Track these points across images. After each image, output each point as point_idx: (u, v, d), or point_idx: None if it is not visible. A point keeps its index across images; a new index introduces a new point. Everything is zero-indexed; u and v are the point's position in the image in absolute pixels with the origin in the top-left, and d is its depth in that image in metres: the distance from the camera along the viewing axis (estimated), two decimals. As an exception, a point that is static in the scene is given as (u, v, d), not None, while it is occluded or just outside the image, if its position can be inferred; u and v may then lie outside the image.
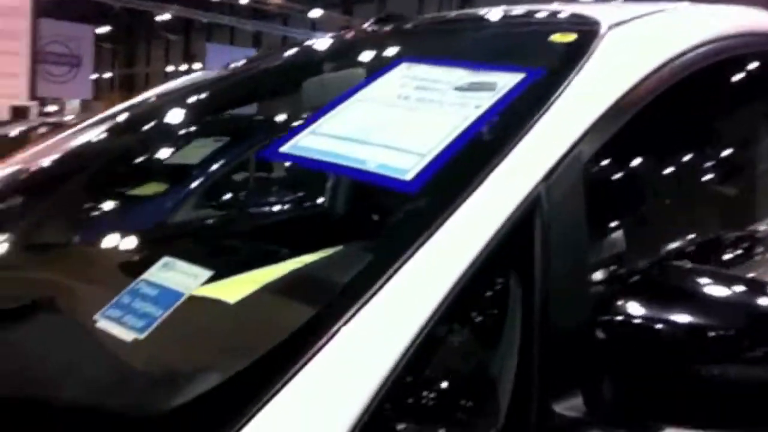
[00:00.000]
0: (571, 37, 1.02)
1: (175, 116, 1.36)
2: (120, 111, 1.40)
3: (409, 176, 0.76)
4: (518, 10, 1.34)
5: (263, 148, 0.89)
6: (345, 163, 0.82)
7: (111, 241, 0.96)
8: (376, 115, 0.92)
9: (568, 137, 0.81)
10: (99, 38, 19.17)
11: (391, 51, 1.22)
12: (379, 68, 1.05)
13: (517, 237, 0.71)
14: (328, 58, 1.40)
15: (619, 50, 0.97)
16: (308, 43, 1.53)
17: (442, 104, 0.92)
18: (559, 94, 0.86)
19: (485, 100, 0.90)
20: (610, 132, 0.85)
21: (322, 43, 1.48)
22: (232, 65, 1.53)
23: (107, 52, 19.75)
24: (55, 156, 1.28)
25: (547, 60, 0.98)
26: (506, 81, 0.93)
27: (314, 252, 0.81)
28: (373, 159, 0.81)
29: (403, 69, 1.05)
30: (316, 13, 18.02)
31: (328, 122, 0.90)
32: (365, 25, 1.52)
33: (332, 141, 0.87)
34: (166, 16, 17.86)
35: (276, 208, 1.37)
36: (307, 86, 1.29)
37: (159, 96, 1.44)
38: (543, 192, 0.75)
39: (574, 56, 0.94)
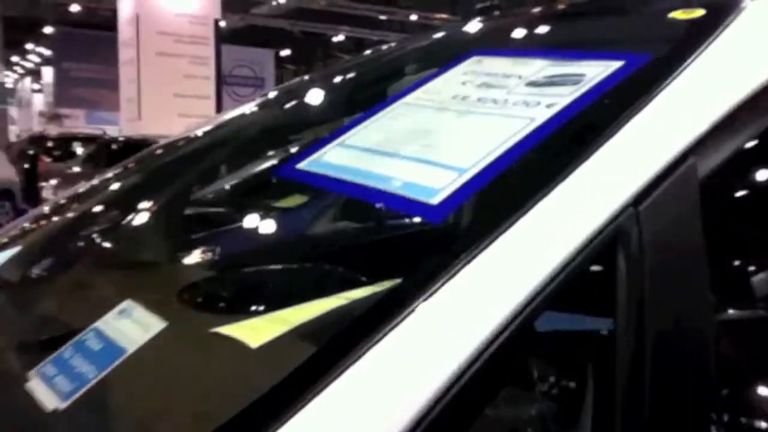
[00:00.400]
0: (697, 12, 0.76)
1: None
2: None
3: (436, 199, 0.57)
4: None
5: (281, 163, 0.74)
6: (364, 181, 0.64)
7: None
8: (421, 120, 0.74)
9: (674, 145, 0.57)
10: (281, 60, 20.41)
11: (464, 45, 1.02)
12: (443, 64, 0.86)
13: (586, 295, 0.50)
14: (404, 59, 1.23)
15: (763, 27, 0.70)
16: (397, 44, 1.37)
17: (506, 104, 0.71)
18: (666, 86, 0.62)
19: (562, 98, 0.68)
20: (738, 139, 0.59)
21: (410, 42, 1.31)
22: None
23: (288, 72, 20.98)
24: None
25: (658, 42, 0.74)
26: (596, 71, 0.71)
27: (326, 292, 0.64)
28: (400, 176, 0.62)
29: (471, 63, 0.85)
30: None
31: (363, 132, 0.73)
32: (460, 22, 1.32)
33: (360, 154, 0.70)
34: (340, 37, 18.59)
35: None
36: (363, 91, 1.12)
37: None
38: (631, 222, 0.53)
39: (695, 37, 0.69)
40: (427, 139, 0.68)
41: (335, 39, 19.11)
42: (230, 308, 0.70)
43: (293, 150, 1.02)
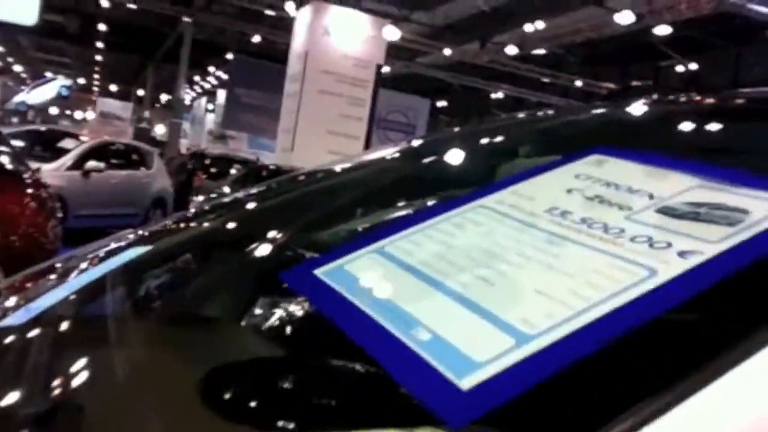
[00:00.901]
0: None
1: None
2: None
3: (467, 382, 0.38)
4: None
5: (294, 266, 0.58)
6: (379, 318, 0.46)
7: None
8: (493, 237, 0.56)
9: None
10: (437, 110, 20.67)
11: (588, 135, 0.83)
12: (549, 158, 0.67)
13: None
14: (511, 139, 1.04)
15: None
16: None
17: (621, 236, 0.52)
18: None
19: (707, 244, 0.48)
20: None
21: (530, 118, 1.12)
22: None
23: (442, 123, 21.18)
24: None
25: None
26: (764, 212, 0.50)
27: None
28: (431, 326, 0.44)
29: (589, 164, 0.67)
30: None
31: (414, 237, 0.56)
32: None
33: (394, 271, 0.52)
34: (499, 95, 18.50)
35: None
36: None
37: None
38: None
39: None
40: (490, 269, 0.50)
41: (493, 96, 19.04)
42: None
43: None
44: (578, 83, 16.28)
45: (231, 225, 1.14)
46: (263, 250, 0.95)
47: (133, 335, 0.76)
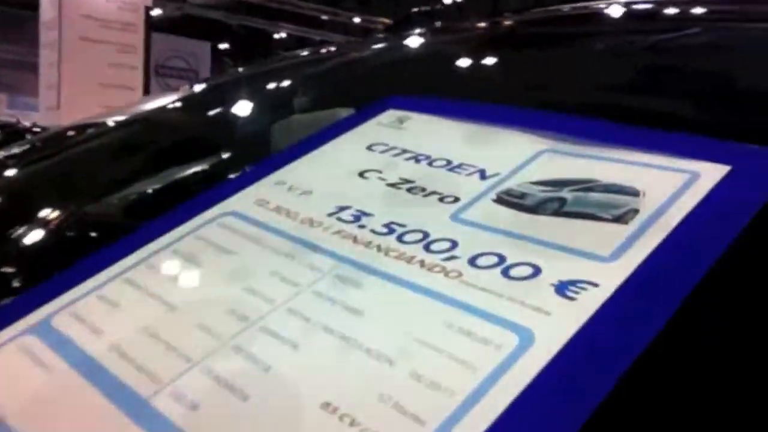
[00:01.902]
0: None
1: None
2: None
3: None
4: None
5: None
6: None
7: None
8: (239, 287, 0.29)
9: None
10: (220, 53, 19.65)
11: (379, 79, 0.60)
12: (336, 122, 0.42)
13: None
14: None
15: None
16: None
17: (454, 260, 0.26)
18: None
19: (597, 265, 0.24)
20: None
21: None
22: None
23: (228, 66, 20.19)
24: None
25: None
26: (668, 185, 0.26)
27: None
28: None
29: (385, 125, 0.43)
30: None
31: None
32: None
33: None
34: (282, 35, 17.88)
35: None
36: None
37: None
38: None
39: None
40: (231, 362, 0.25)
41: (276, 36, 18.45)
42: None
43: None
44: (357, 20, 16.27)
45: None
46: None
47: None
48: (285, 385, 0.30)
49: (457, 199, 0.42)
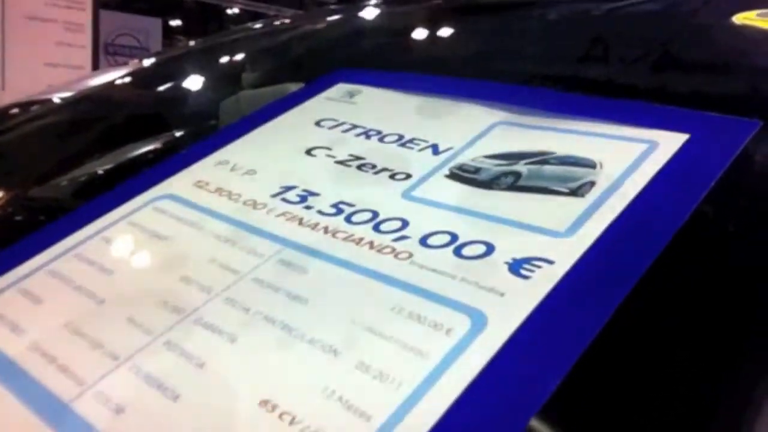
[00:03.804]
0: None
1: None
2: None
3: None
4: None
5: None
6: None
7: None
8: (174, 274, 0.27)
9: None
10: (171, 30, 19.21)
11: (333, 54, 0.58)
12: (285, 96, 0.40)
13: None
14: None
15: None
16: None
17: (404, 239, 0.25)
18: None
19: (552, 240, 0.23)
20: None
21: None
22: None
23: (181, 43, 19.74)
24: None
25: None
26: (625, 156, 0.25)
27: None
28: None
29: (334, 99, 0.40)
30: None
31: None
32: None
33: None
34: (235, 10, 17.54)
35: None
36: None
37: None
38: None
39: None
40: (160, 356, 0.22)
41: (230, 11, 18.08)
42: None
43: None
44: (312, -7, 16.05)
45: None
46: None
47: None
48: (220, 382, 0.28)
49: (408, 176, 0.40)
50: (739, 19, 0.54)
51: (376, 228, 0.36)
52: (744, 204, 0.37)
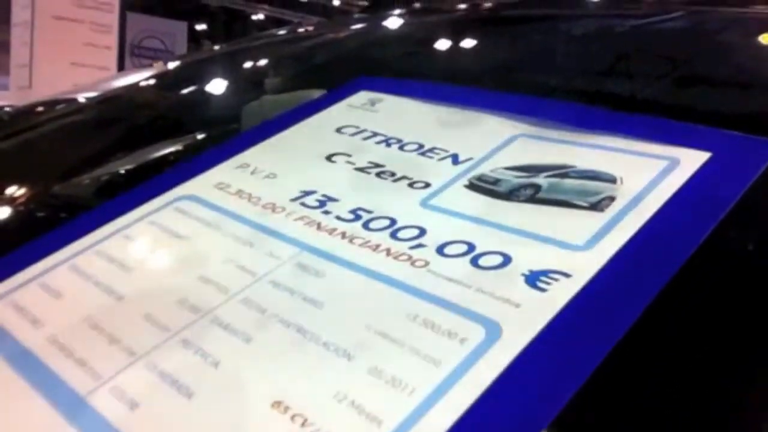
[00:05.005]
0: None
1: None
2: None
3: None
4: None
5: None
6: None
7: None
8: (192, 273, 0.26)
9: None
10: (197, 34, 19.43)
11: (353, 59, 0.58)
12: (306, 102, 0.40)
13: None
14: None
15: None
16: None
17: (421, 247, 0.25)
18: None
19: (569, 254, 0.22)
20: None
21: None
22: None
23: (207, 48, 19.98)
24: None
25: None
26: (645, 175, 0.25)
27: None
28: None
29: (356, 107, 0.40)
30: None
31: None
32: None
33: None
34: (260, 16, 17.72)
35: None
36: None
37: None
38: None
39: None
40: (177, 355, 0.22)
41: (255, 17, 18.26)
42: None
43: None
44: (336, 2, 16.11)
45: None
46: None
47: None
48: (234, 382, 0.28)
49: (427, 185, 0.41)
50: (765, 39, 0.54)
51: (393, 235, 0.36)
52: (765, 224, 0.37)
